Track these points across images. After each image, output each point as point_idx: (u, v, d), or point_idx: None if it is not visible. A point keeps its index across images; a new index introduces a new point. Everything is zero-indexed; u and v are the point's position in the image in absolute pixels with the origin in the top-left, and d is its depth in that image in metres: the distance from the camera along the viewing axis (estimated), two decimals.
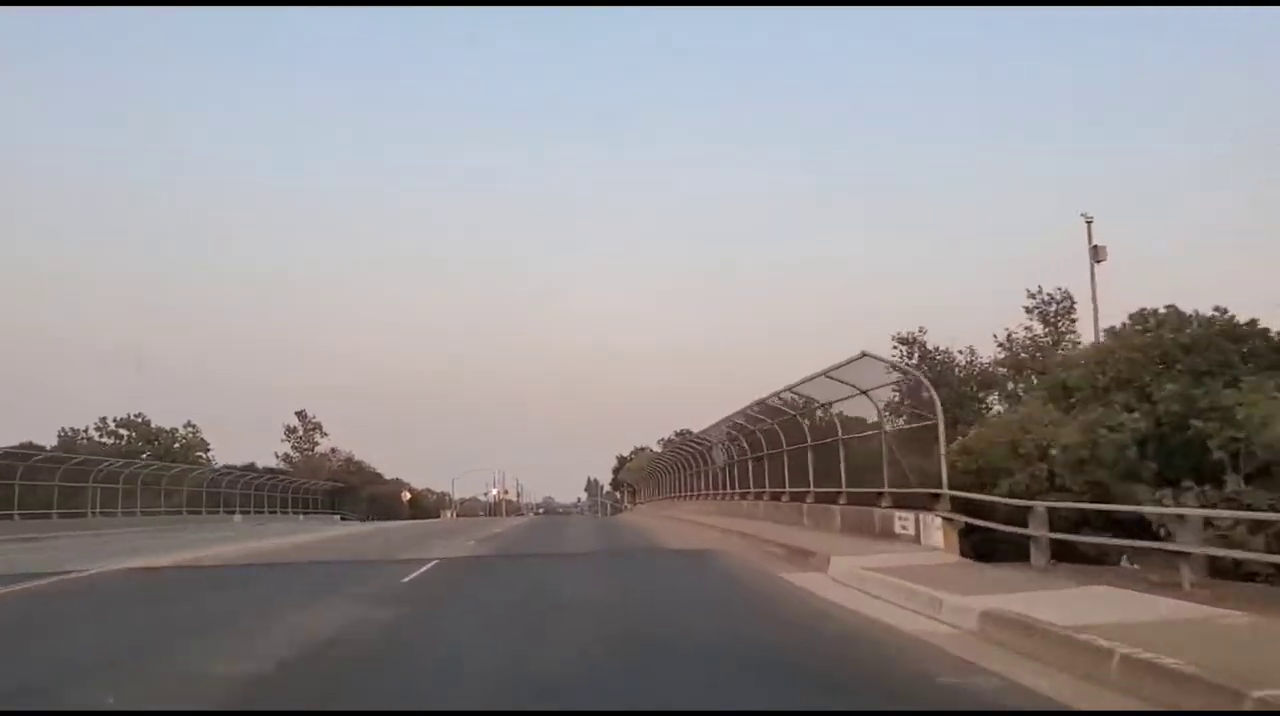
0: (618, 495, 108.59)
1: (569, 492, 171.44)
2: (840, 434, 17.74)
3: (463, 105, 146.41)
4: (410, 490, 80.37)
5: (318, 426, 77.00)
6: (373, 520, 68.35)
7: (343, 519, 63.31)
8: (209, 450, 63.45)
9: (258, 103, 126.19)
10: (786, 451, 22.13)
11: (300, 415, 76.75)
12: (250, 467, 61.60)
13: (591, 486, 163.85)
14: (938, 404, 13.73)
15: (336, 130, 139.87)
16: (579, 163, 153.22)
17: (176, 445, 60.42)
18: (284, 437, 76.38)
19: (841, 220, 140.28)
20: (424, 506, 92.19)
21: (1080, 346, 23.76)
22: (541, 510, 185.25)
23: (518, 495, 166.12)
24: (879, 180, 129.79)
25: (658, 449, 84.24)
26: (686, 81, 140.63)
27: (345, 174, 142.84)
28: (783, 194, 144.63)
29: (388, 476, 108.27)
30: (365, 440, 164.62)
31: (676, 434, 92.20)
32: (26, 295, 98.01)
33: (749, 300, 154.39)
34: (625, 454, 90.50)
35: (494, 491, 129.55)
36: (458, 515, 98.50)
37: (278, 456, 74.67)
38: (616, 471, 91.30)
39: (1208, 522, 9.30)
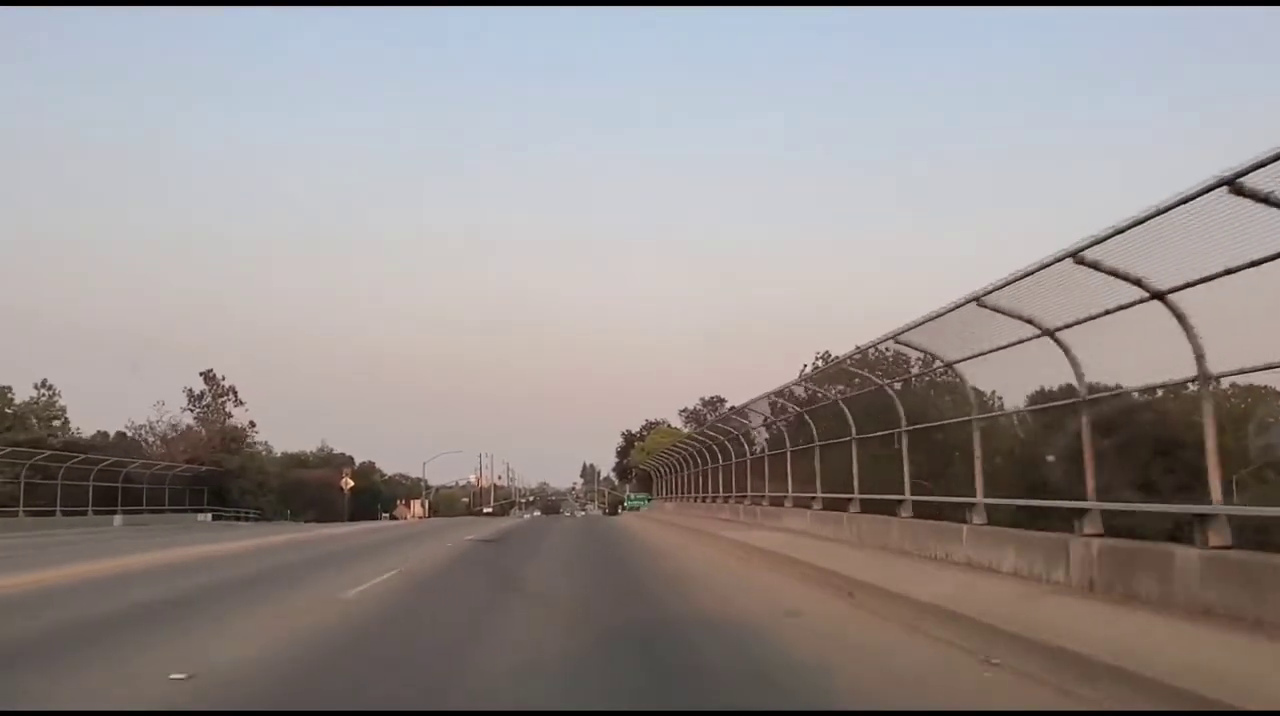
0: (616, 482, 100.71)
1: (565, 477, 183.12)
2: None
3: (466, 87, 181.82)
4: (356, 476, 72.73)
5: (230, 392, 69.63)
6: (291, 520, 61.30)
7: (215, 518, 53.52)
8: (62, 419, 56.40)
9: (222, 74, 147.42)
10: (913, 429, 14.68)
11: (207, 377, 69.41)
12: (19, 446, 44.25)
13: (588, 472, 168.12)
14: None
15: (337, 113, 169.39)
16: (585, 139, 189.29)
17: (10, 410, 52.88)
18: (187, 406, 69.24)
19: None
20: (382, 497, 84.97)
21: None
22: (533, 500, 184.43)
23: (510, 481, 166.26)
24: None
25: (679, 424, 76.34)
26: (698, 72, 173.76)
27: (350, 162, 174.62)
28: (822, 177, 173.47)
29: (360, 460, 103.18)
30: (338, 423, 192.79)
31: (705, 403, 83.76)
32: None
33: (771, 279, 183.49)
34: (634, 430, 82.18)
35: (472, 477, 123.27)
36: (431, 511, 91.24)
37: (144, 426, 65.93)
38: (623, 453, 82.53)
39: None
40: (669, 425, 75.68)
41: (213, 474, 58.93)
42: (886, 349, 15.27)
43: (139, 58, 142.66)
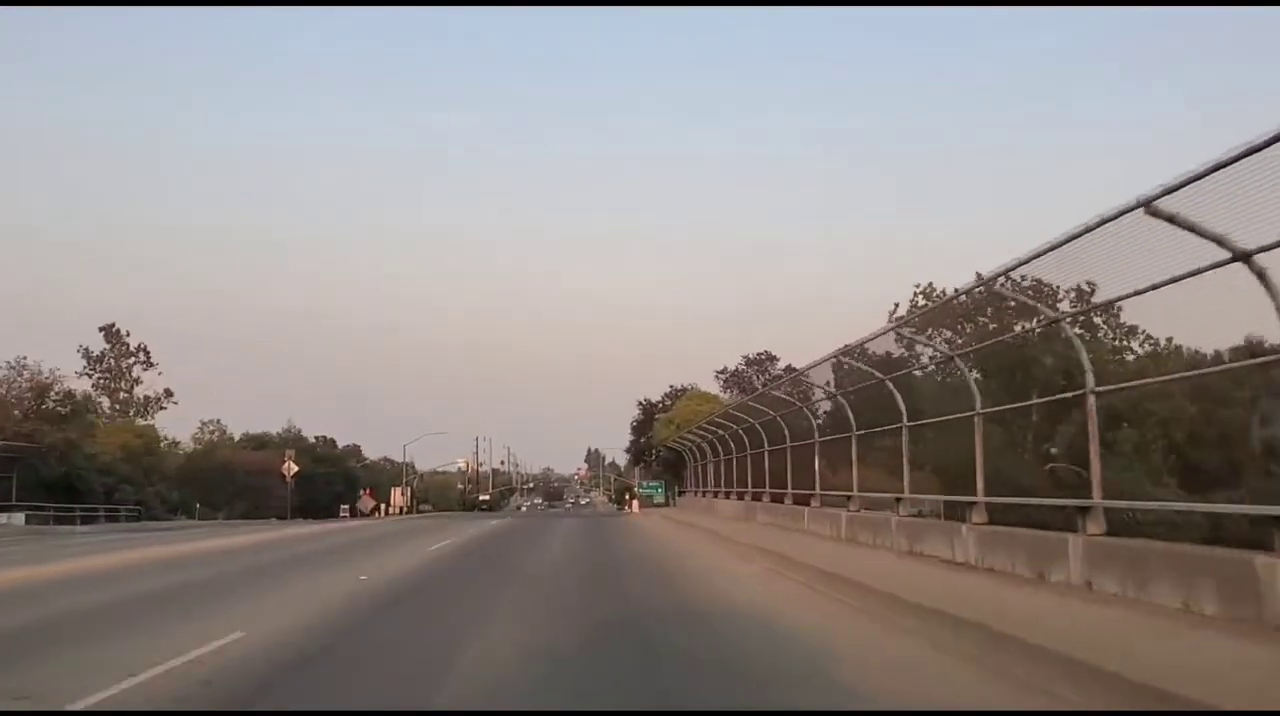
0: (631, 464, 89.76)
1: (570, 463, 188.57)
2: None
3: (467, 83, 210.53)
4: (325, 460, 63.19)
5: (140, 353, 60.34)
6: (204, 518, 51.58)
7: (29, 521, 40.01)
8: None
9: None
10: None
11: (108, 333, 59.98)
12: None
13: (593, 458, 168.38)
14: None
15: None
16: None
17: None
18: (85, 369, 59.93)
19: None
20: (359, 485, 75.94)
21: None
22: (533, 487, 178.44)
23: (512, 466, 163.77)
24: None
25: (715, 390, 65.86)
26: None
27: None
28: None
29: (344, 444, 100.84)
30: (335, 411, 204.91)
31: (750, 362, 72.55)
32: None
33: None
34: (654, 399, 71.64)
35: (461, 462, 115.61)
36: (417, 501, 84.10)
37: None
38: (639, 428, 71.88)
39: None
40: (696, 389, 64.89)
41: (22, 452, 44.37)
42: (1022, 278, 14.03)
43: (138, 57, 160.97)
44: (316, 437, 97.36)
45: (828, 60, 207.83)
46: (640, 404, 72.40)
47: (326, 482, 75.03)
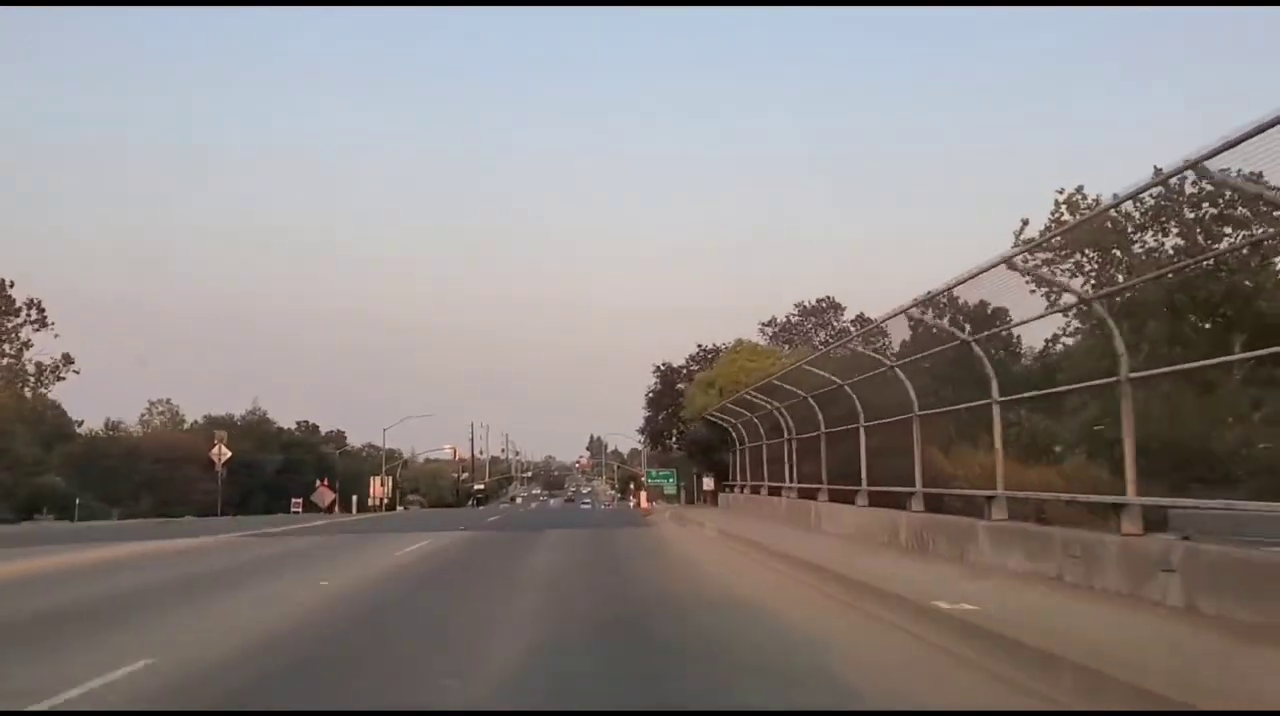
0: (642, 445, 77.04)
1: (572, 450, 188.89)
2: None
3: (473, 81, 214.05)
4: (246, 444, 52.18)
5: (31, 308, 49.07)
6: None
7: None
8: None
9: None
10: None
11: None
12: None
13: (596, 446, 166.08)
14: None
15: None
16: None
17: None
18: None
19: None
20: (336, 474, 66.74)
21: None
22: (532, 476, 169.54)
23: (512, 454, 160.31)
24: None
25: (762, 340, 53.62)
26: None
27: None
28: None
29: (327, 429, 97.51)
30: (332, 400, 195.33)
31: (806, 311, 61.14)
32: None
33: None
34: (677, 364, 58.79)
35: (448, 447, 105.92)
36: (401, 494, 76.75)
37: None
38: (657, 400, 59.37)
39: None
40: (744, 343, 51.73)
41: None
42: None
43: (138, 57, 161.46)
44: (299, 423, 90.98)
45: (828, 60, 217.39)
46: (658, 370, 59.77)
47: (289, 471, 67.02)
